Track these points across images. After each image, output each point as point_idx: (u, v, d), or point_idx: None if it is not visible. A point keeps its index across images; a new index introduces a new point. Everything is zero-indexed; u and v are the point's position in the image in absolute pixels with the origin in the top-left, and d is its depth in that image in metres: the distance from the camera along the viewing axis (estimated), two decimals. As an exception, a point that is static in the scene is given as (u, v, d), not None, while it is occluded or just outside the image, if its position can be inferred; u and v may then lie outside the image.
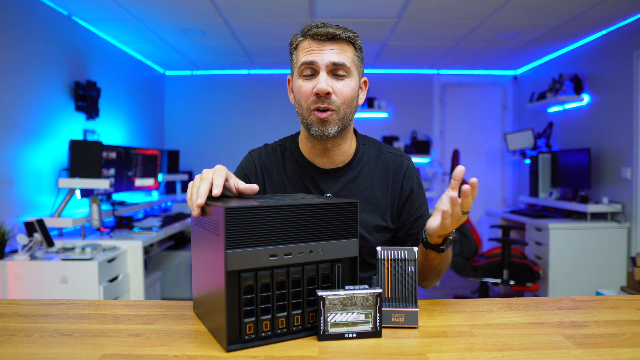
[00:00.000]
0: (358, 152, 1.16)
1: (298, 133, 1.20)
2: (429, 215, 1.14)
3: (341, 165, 1.14)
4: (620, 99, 3.59)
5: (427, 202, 1.21)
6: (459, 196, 0.88)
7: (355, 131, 1.20)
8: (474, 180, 0.84)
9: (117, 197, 3.82)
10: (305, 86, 1.04)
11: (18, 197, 2.77)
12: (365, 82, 1.15)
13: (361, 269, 1.11)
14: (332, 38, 1.03)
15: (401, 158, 1.18)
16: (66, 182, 2.91)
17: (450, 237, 0.97)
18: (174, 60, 4.81)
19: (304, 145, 1.16)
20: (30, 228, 2.58)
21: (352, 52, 1.06)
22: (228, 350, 0.74)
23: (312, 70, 1.04)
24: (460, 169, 0.87)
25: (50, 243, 2.60)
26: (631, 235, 3.54)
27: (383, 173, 1.15)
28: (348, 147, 1.14)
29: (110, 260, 2.70)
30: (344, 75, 1.04)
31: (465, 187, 0.85)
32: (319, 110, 1.04)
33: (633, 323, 0.87)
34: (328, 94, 1.02)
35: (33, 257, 2.52)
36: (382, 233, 1.15)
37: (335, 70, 1.04)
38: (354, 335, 0.79)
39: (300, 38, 1.08)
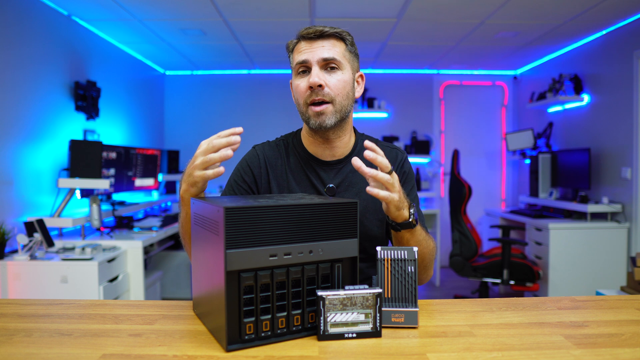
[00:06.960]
0: (357, 145, 1.22)
1: (300, 129, 1.26)
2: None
3: (342, 157, 1.19)
4: (620, 99, 3.59)
5: (418, 197, 1.23)
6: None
7: (353, 128, 1.26)
8: (366, 143, 0.92)
9: (117, 197, 3.82)
10: (301, 83, 1.11)
11: (18, 197, 2.76)
12: (361, 76, 1.20)
13: (361, 259, 1.11)
14: (321, 35, 1.10)
15: (396, 151, 1.24)
16: (66, 182, 2.91)
17: (412, 211, 0.99)
18: (174, 60, 4.81)
19: (306, 139, 1.21)
20: (30, 228, 2.58)
21: (342, 47, 1.12)
22: (228, 350, 0.74)
23: (306, 68, 1.11)
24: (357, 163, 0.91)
25: (50, 243, 2.60)
26: (631, 235, 3.53)
27: None
28: (348, 140, 1.20)
29: (110, 260, 2.70)
30: (336, 68, 1.10)
31: (367, 153, 0.90)
32: (314, 104, 1.09)
33: (633, 323, 0.87)
34: (320, 86, 1.08)
35: (33, 257, 2.52)
36: (381, 219, 1.18)
37: (327, 65, 1.10)
38: (354, 335, 0.79)
39: (295, 41, 1.16)
